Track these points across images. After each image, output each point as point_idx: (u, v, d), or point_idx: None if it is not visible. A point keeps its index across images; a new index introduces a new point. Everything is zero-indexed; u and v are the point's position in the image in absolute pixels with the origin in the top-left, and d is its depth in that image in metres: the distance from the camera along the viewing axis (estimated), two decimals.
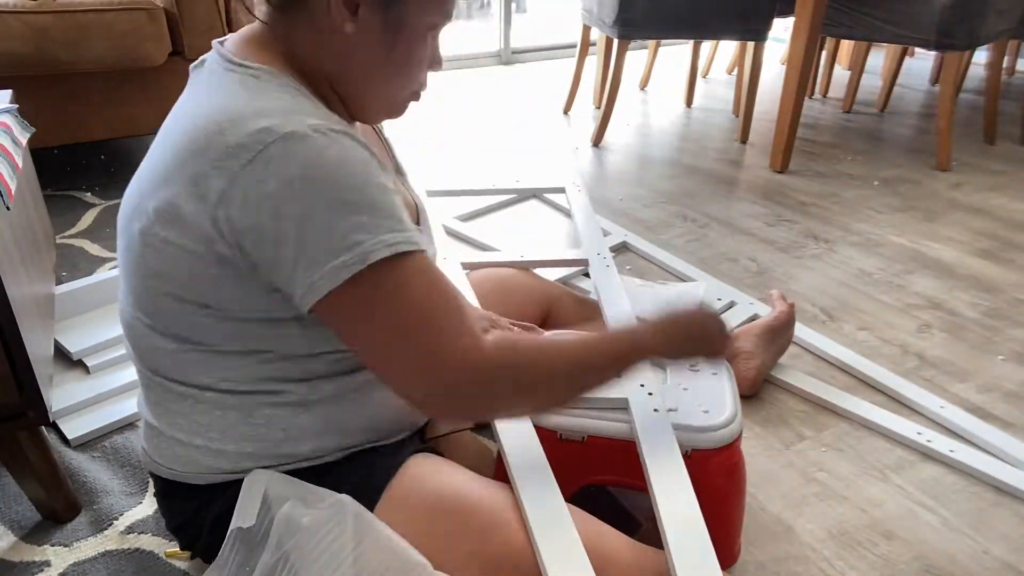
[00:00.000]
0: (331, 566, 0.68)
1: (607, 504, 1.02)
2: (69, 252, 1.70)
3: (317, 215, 0.62)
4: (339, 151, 0.64)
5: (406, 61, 0.74)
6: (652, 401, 0.88)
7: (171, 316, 0.72)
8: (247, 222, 0.64)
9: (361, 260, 0.63)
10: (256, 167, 0.62)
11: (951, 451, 1.16)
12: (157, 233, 0.68)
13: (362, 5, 0.69)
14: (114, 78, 1.94)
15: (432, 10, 0.72)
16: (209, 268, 0.67)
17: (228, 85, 0.69)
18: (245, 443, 0.75)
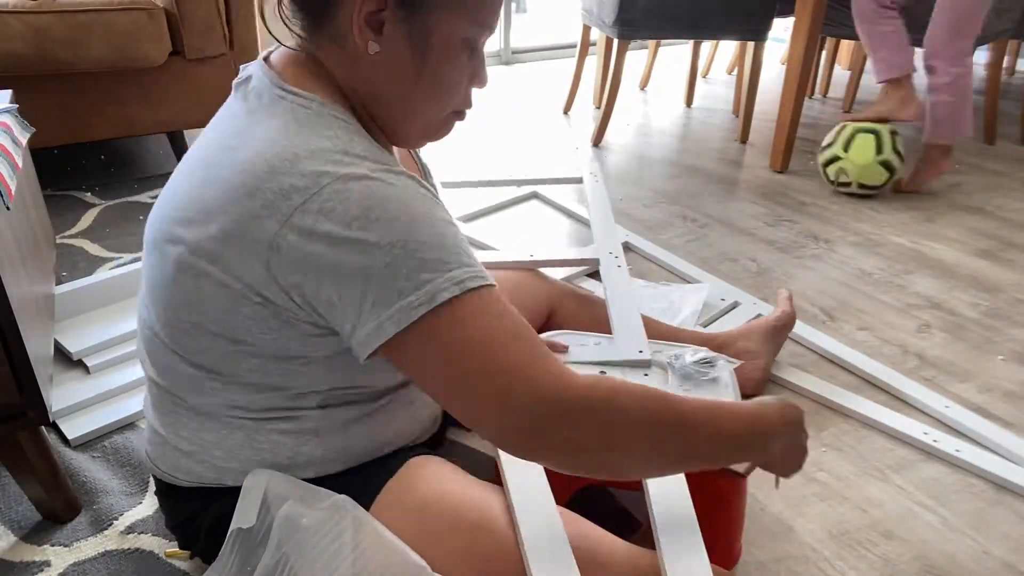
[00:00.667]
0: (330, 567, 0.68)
1: (606, 504, 1.02)
2: (69, 252, 1.70)
3: (382, 255, 0.60)
4: (398, 190, 0.62)
5: (439, 79, 0.70)
6: None
7: (196, 345, 0.71)
8: (303, 266, 0.61)
9: (429, 300, 0.60)
10: (310, 208, 0.60)
11: (957, 451, 1.16)
12: (196, 265, 0.66)
13: (386, 22, 0.66)
14: (114, 78, 1.94)
15: (464, 24, 0.68)
16: (248, 308, 0.66)
17: (280, 116, 0.66)
18: (248, 464, 0.75)
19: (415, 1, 0.65)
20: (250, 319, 0.67)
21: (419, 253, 0.61)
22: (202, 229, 0.66)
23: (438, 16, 0.67)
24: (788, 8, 2.36)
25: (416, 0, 0.66)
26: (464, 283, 0.61)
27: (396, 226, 0.61)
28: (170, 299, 0.70)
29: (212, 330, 0.69)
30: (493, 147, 2.57)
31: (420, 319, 0.60)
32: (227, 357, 0.70)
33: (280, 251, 0.62)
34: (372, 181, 0.61)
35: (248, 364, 0.70)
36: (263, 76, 0.70)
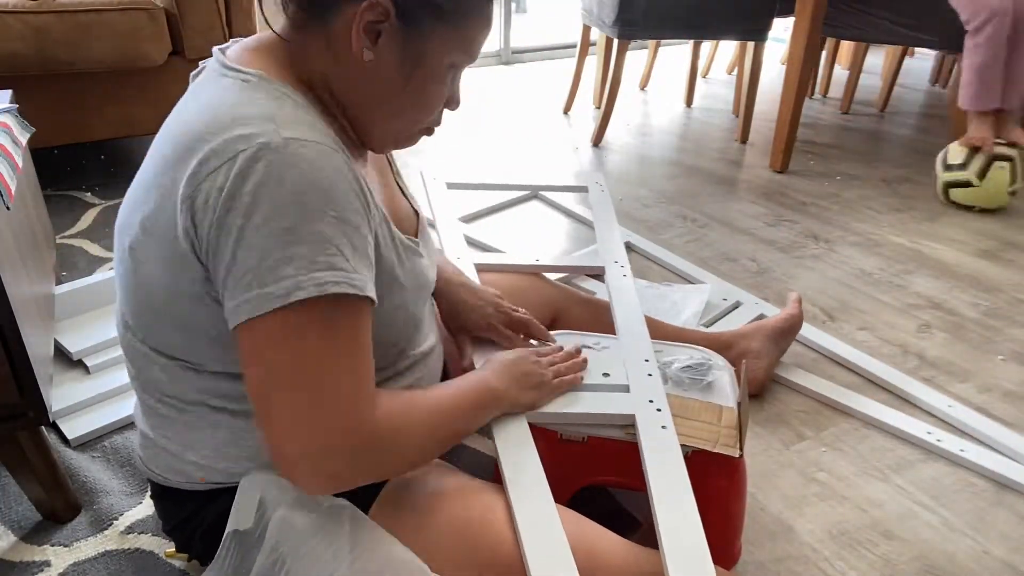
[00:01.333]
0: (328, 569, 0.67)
1: (607, 504, 1.02)
2: (69, 252, 1.70)
3: (255, 236, 0.60)
4: (304, 172, 0.61)
5: (421, 95, 0.72)
6: (660, 417, 0.87)
7: (159, 334, 0.71)
8: (203, 230, 0.62)
9: (285, 295, 0.60)
10: (220, 174, 0.61)
11: (961, 450, 1.16)
12: (142, 247, 0.67)
13: (383, 34, 0.67)
14: (114, 78, 1.94)
15: (455, 50, 0.71)
16: (185, 284, 0.66)
17: (216, 90, 0.67)
18: (235, 463, 0.74)
19: (415, 20, 0.67)
20: (190, 300, 0.66)
21: (292, 246, 0.60)
22: (144, 207, 0.67)
23: (433, 38, 0.69)
24: (788, 8, 2.36)
25: (416, 19, 0.67)
26: (325, 287, 0.61)
27: (283, 212, 0.60)
28: (130, 289, 0.71)
29: (165, 316, 0.69)
30: (493, 147, 2.57)
31: (273, 312, 0.60)
32: (188, 346, 0.70)
33: (193, 213, 0.62)
34: (283, 155, 0.61)
35: (210, 352, 0.70)
36: (212, 62, 0.72)
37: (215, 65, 0.70)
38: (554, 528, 0.73)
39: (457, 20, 0.69)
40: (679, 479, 0.79)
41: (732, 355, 1.23)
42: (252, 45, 0.72)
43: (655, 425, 0.86)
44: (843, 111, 3.08)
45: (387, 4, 0.65)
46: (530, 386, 0.87)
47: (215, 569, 0.72)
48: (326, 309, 0.62)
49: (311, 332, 0.62)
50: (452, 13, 0.68)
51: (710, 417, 0.89)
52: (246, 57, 0.70)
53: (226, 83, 0.67)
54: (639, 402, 0.89)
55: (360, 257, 0.65)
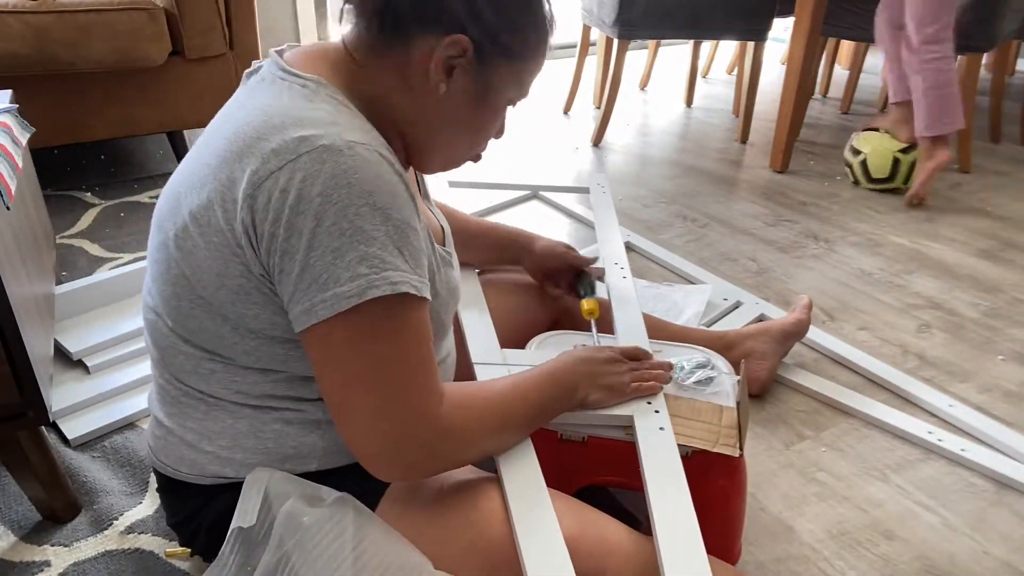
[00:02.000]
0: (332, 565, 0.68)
1: (607, 504, 1.02)
2: (69, 252, 1.70)
3: (328, 237, 0.61)
4: (369, 175, 0.63)
5: (481, 127, 0.78)
6: (658, 419, 0.87)
7: (195, 324, 0.71)
8: (265, 229, 0.63)
9: (360, 293, 0.62)
10: (283, 175, 0.62)
11: (962, 450, 1.16)
12: (191, 236, 0.68)
13: (457, 68, 0.71)
14: (114, 78, 1.94)
15: (516, 86, 0.77)
16: (234, 277, 0.67)
17: (275, 92, 0.69)
18: (253, 455, 0.75)
19: (489, 59, 0.72)
20: (236, 293, 0.67)
21: (364, 245, 0.62)
22: (196, 198, 0.68)
23: (501, 77, 0.74)
24: (788, 8, 2.36)
25: (490, 59, 0.72)
26: (398, 285, 0.63)
27: (352, 213, 0.62)
28: (170, 276, 0.71)
29: (206, 306, 0.69)
30: (493, 147, 2.56)
31: (347, 310, 0.62)
32: (223, 337, 0.71)
33: (251, 211, 0.63)
34: (347, 157, 0.62)
35: (243, 345, 0.70)
36: (271, 63, 0.73)
37: (272, 67, 0.72)
38: (549, 524, 0.73)
39: (522, 60, 0.75)
40: (676, 480, 0.79)
41: (736, 355, 1.23)
42: (312, 52, 0.74)
43: (653, 427, 0.86)
44: (843, 111, 3.08)
45: (466, 43, 0.69)
46: (603, 385, 0.86)
47: (219, 566, 0.72)
48: (394, 308, 0.64)
49: (382, 332, 0.65)
50: (519, 55, 0.74)
51: (710, 417, 0.89)
52: (305, 62, 0.72)
53: (284, 87, 0.69)
54: (637, 404, 0.89)
55: (419, 259, 0.67)
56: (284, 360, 0.71)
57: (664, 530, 0.74)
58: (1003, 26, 2.26)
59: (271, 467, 0.75)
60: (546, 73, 0.75)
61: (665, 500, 0.77)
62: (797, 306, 1.37)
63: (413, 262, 0.66)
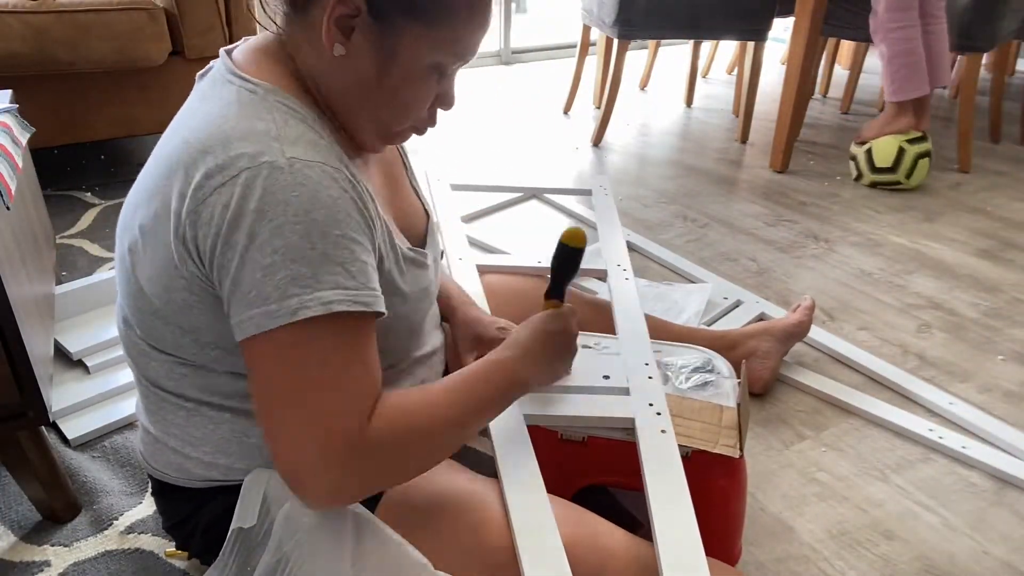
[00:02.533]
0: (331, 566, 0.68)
1: (607, 504, 1.02)
2: (69, 252, 1.70)
3: (259, 255, 0.61)
4: (308, 192, 0.62)
5: (399, 93, 0.71)
6: (659, 421, 0.87)
7: (158, 332, 0.71)
8: (207, 244, 0.63)
9: (290, 314, 0.61)
10: (225, 191, 0.61)
11: (963, 447, 1.16)
12: (140, 249, 0.68)
13: (356, 30, 0.67)
14: (114, 78, 1.94)
15: (433, 51, 0.69)
16: (179, 291, 0.67)
17: (223, 98, 0.67)
18: (238, 459, 0.75)
19: (387, 16, 0.66)
20: (182, 306, 0.67)
21: (296, 264, 0.61)
22: (145, 211, 0.68)
23: (408, 36, 0.67)
24: (788, 8, 2.36)
25: (388, 15, 0.66)
26: (331, 305, 0.61)
27: (287, 231, 0.61)
28: (129, 288, 0.71)
29: (162, 318, 0.69)
30: (493, 147, 2.57)
31: (277, 328, 0.61)
32: (186, 346, 0.70)
33: (194, 227, 0.63)
34: (287, 174, 0.61)
35: (206, 354, 0.70)
36: (220, 65, 0.71)
37: (222, 69, 0.70)
38: (548, 528, 0.73)
39: (433, 19, 0.67)
40: (677, 483, 0.79)
41: (738, 354, 1.23)
42: (257, 46, 0.72)
43: (654, 429, 0.86)
44: (843, 111, 3.08)
45: (358, 1, 0.65)
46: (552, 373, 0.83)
47: (218, 568, 0.72)
48: (330, 327, 0.62)
49: (313, 349, 0.62)
50: (427, 12, 0.66)
51: (710, 417, 0.89)
52: (252, 60, 0.70)
53: (231, 92, 0.67)
54: (639, 405, 0.89)
55: (367, 271, 0.65)
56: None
57: (664, 534, 0.74)
58: (1003, 26, 2.26)
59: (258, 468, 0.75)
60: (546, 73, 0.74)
61: (665, 504, 0.77)
62: (799, 306, 1.37)
63: (361, 276, 0.64)
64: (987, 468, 1.13)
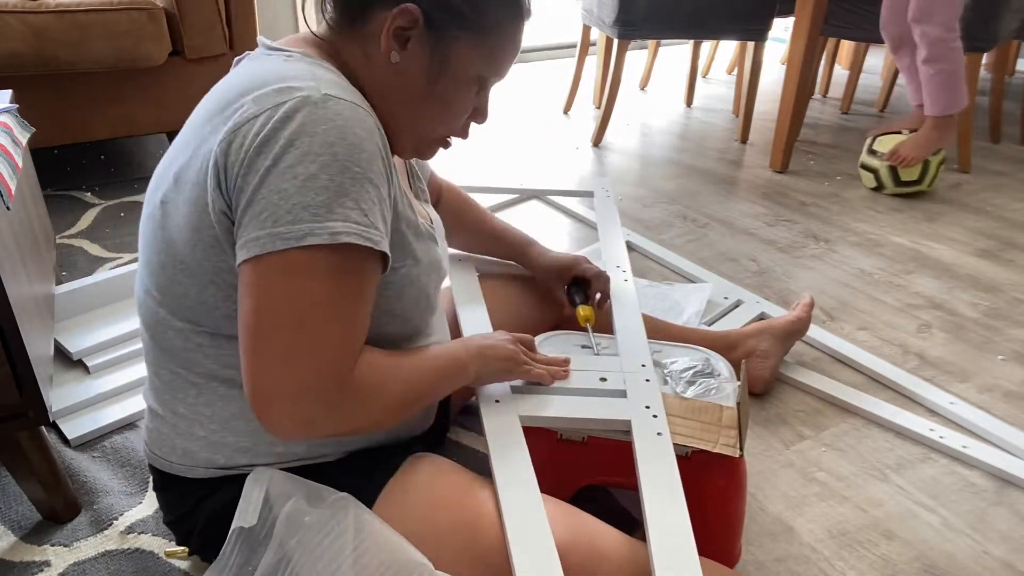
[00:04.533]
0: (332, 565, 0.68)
1: (607, 504, 1.02)
2: (69, 252, 1.70)
3: (279, 179, 0.62)
4: (336, 127, 0.64)
5: (444, 102, 0.76)
6: (656, 424, 0.87)
7: (180, 291, 0.72)
8: (234, 168, 0.64)
9: (298, 238, 0.62)
10: (260, 120, 0.64)
11: (964, 447, 1.16)
12: (174, 198, 0.69)
13: (412, 39, 0.72)
14: (114, 78, 1.94)
15: (479, 63, 0.75)
16: (207, 229, 0.67)
17: (262, 63, 0.71)
18: (243, 437, 0.75)
19: (441, 28, 0.72)
20: (211, 246, 0.68)
21: (312, 193, 0.62)
22: (180, 160, 0.70)
23: (459, 48, 0.73)
24: (788, 8, 2.36)
25: (442, 28, 0.72)
26: (338, 236, 0.63)
27: (309, 160, 0.63)
28: (157, 246, 0.72)
29: (187, 270, 0.70)
30: (493, 147, 2.57)
31: (280, 251, 0.62)
32: (206, 302, 0.71)
33: (228, 154, 0.65)
34: (321, 108, 0.64)
35: (226, 307, 0.71)
36: (259, 47, 0.76)
37: (260, 49, 0.76)
38: (541, 529, 0.73)
39: (481, 31, 0.73)
40: (672, 485, 0.79)
41: (738, 354, 1.23)
42: (299, 39, 0.77)
43: (651, 432, 0.85)
44: (843, 111, 3.08)
45: (416, 12, 0.70)
46: (498, 358, 0.87)
47: (219, 567, 0.72)
48: (334, 258, 0.64)
49: (315, 277, 0.63)
50: (479, 26, 0.73)
51: (710, 417, 0.89)
52: (294, 45, 0.75)
53: (268, 59, 0.72)
54: (635, 408, 0.89)
55: (377, 214, 0.67)
56: None
57: (657, 536, 0.73)
58: (1003, 26, 2.26)
59: (261, 452, 0.76)
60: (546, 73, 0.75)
61: (659, 506, 0.76)
62: (799, 304, 1.37)
63: (371, 215, 0.66)
64: (988, 468, 1.13)
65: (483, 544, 0.73)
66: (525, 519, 0.74)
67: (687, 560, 0.71)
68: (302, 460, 0.77)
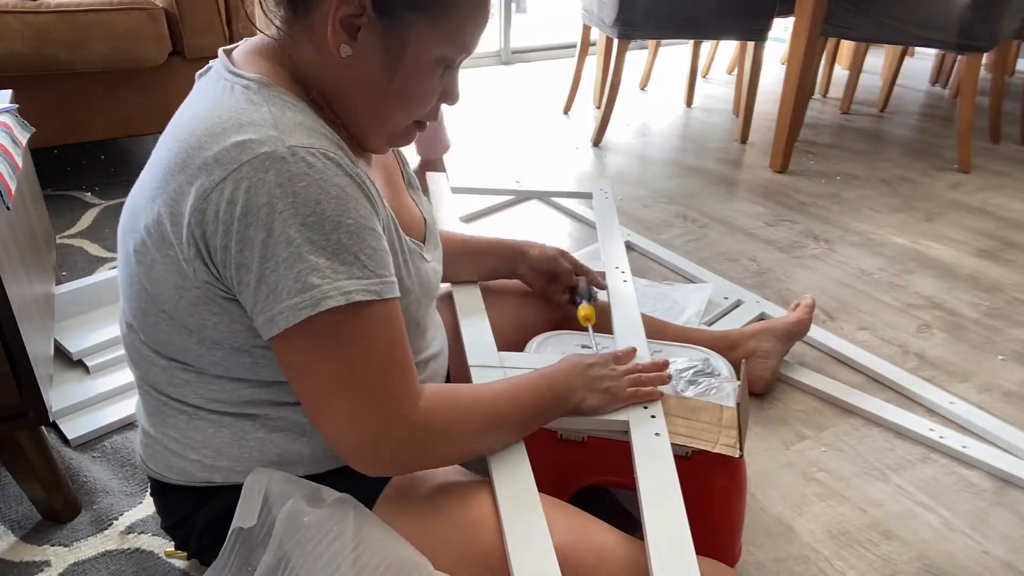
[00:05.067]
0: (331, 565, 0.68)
1: (607, 504, 1.02)
2: (69, 252, 1.70)
3: (278, 248, 0.61)
4: (315, 182, 0.62)
5: (408, 92, 0.70)
6: (654, 424, 0.87)
7: (162, 337, 0.71)
8: (217, 242, 0.62)
9: (313, 305, 0.61)
10: (228, 185, 0.61)
11: (964, 447, 1.16)
12: (147, 251, 0.67)
13: (362, 28, 0.66)
14: (114, 78, 1.94)
15: (440, 44, 0.68)
16: (189, 289, 0.66)
17: (217, 94, 0.67)
18: (238, 463, 0.74)
19: (392, 12, 0.65)
20: (194, 304, 0.67)
21: (314, 256, 0.61)
22: (148, 212, 0.67)
23: (415, 31, 0.67)
24: (788, 8, 2.36)
25: (394, 12, 0.65)
26: (351, 295, 0.63)
27: (300, 221, 0.61)
28: (133, 290, 0.71)
29: (168, 319, 0.69)
30: (493, 147, 2.57)
31: (306, 320, 0.62)
32: (189, 350, 0.70)
33: (201, 225, 0.62)
34: (291, 164, 0.61)
35: (210, 356, 0.70)
36: (218, 64, 0.71)
37: (219, 68, 0.70)
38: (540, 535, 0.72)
39: (438, 11, 0.66)
40: (669, 485, 0.78)
41: (739, 354, 1.23)
42: (255, 47, 0.72)
43: (648, 432, 0.85)
44: (843, 111, 3.08)
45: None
46: (599, 389, 0.86)
47: (218, 568, 0.72)
48: (352, 315, 0.64)
49: (344, 338, 0.64)
50: (431, 4, 0.66)
51: (710, 417, 0.89)
52: (249, 60, 0.70)
53: (226, 87, 0.67)
54: (633, 408, 0.89)
55: (379, 258, 0.66)
56: (252, 368, 0.71)
57: (655, 536, 0.73)
58: (1003, 26, 2.26)
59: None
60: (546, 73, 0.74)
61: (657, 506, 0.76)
62: (799, 305, 1.37)
63: (372, 264, 0.65)
64: (988, 468, 1.13)
65: (482, 545, 0.73)
66: (524, 523, 0.73)
67: (684, 560, 0.71)
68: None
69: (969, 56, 2.29)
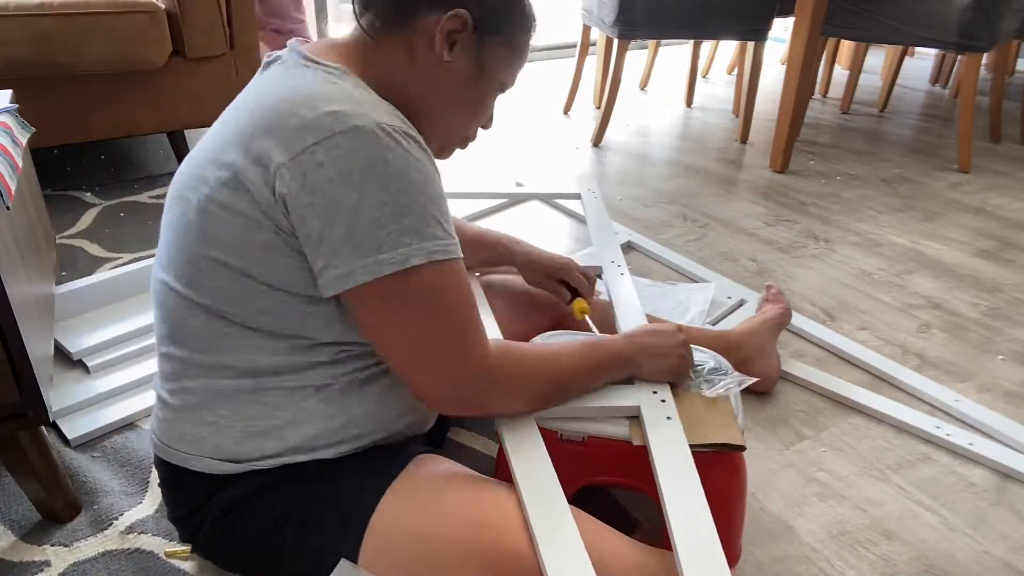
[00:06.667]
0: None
1: (605, 504, 1.02)
2: (69, 252, 1.70)
3: (371, 209, 0.67)
4: (402, 154, 0.68)
5: (475, 104, 0.83)
6: (665, 408, 0.87)
7: (211, 283, 0.73)
8: (303, 199, 0.67)
9: (402, 261, 0.68)
10: (319, 152, 0.66)
11: (970, 444, 1.17)
12: (217, 199, 0.71)
13: (457, 43, 0.78)
14: (114, 78, 1.94)
15: (508, 69, 0.83)
16: (262, 234, 0.70)
17: (299, 76, 0.73)
18: (251, 422, 0.76)
19: (486, 36, 0.79)
20: (265, 250, 0.71)
21: (404, 218, 0.68)
22: (224, 166, 0.71)
23: (495, 53, 0.81)
24: (788, 8, 2.36)
25: (487, 35, 0.79)
26: (433, 255, 0.70)
27: (392, 187, 0.67)
28: (189, 241, 0.74)
29: (228, 261, 0.72)
30: (493, 147, 2.57)
31: (388, 276, 0.68)
32: (240, 295, 0.73)
33: (286, 181, 0.67)
34: (380, 139, 0.67)
35: (260, 302, 0.73)
36: (291, 52, 0.78)
37: (294, 56, 0.76)
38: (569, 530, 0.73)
39: (515, 40, 0.82)
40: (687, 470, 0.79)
41: (741, 355, 1.23)
42: (330, 44, 0.80)
43: (660, 416, 0.86)
44: (843, 111, 3.08)
45: (467, 17, 0.76)
46: (664, 355, 0.90)
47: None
48: (434, 273, 0.70)
49: (425, 293, 0.71)
50: (512, 35, 0.81)
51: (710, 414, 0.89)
52: (326, 55, 0.77)
53: (306, 72, 0.74)
54: (643, 393, 0.89)
55: (450, 224, 0.73)
56: (300, 320, 0.74)
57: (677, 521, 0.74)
58: (1003, 26, 2.26)
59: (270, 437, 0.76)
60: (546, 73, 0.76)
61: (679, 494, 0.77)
62: (769, 295, 1.41)
63: (449, 227, 0.72)
64: (995, 465, 1.14)
65: (491, 543, 0.73)
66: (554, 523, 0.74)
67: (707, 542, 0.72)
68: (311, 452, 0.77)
69: (969, 56, 2.29)
